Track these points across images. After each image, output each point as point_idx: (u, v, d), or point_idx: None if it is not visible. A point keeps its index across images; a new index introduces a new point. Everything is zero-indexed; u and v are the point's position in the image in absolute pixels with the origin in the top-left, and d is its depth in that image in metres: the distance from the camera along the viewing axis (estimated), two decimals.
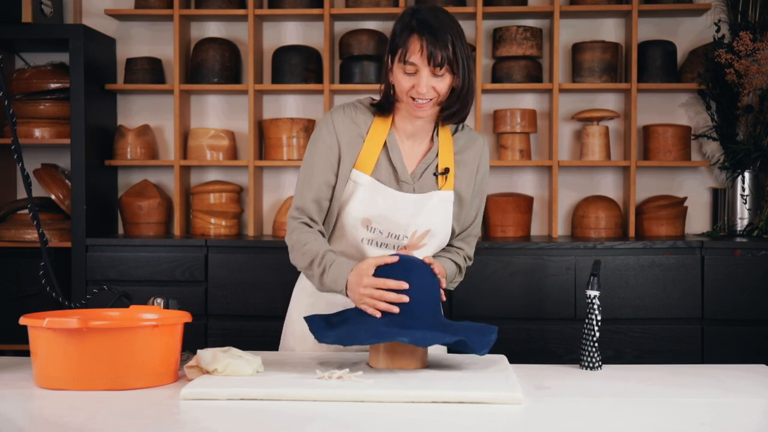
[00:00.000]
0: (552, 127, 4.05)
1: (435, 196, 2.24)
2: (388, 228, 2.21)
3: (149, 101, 4.30)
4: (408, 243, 2.23)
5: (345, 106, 2.27)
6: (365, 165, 2.21)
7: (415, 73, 2.13)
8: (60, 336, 1.88)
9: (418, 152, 2.27)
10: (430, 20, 2.12)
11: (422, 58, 2.11)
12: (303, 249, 2.17)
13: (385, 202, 2.20)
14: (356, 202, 2.20)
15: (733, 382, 2.03)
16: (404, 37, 2.13)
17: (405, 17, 2.16)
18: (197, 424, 1.66)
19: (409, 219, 2.22)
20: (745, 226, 3.97)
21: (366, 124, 2.24)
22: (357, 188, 2.21)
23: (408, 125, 2.25)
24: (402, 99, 2.18)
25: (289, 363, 2.11)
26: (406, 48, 2.12)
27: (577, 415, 1.75)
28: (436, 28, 2.11)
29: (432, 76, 2.12)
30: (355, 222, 2.21)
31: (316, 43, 4.25)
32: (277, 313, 3.49)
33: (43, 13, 4.01)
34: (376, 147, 2.22)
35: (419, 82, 2.12)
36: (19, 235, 3.96)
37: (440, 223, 2.24)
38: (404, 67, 2.13)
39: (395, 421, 1.69)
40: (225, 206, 4.10)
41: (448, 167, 2.25)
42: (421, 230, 2.23)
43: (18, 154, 2.24)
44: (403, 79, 2.14)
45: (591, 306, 2.13)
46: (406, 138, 2.26)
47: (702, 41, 4.14)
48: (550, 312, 3.64)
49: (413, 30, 2.12)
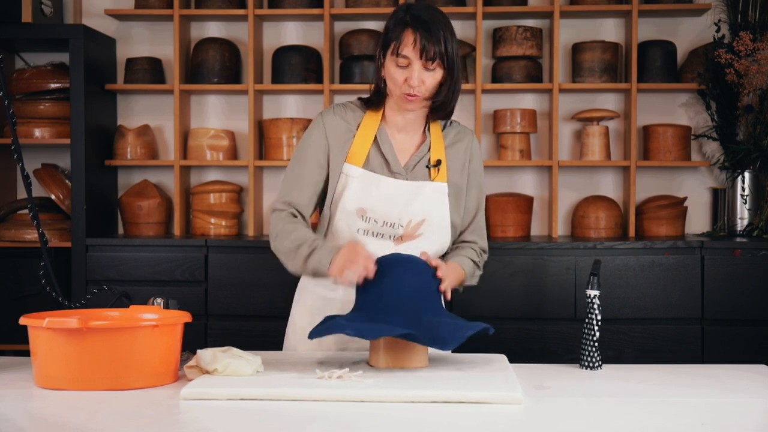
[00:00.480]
0: (552, 127, 4.05)
1: (428, 186, 2.28)
2: (383, 216, 2.24)
3: (149, 101, 4.30)
4: (404, 233, 2.25)
5: (335, 106, 2.34)
6: (356, 158, 2.26)
7: (407, 66, 2.19)
8: (60, 336, 1.88)
9: (411, 145, 2.32)
10: (423, 16, 2.19)
11: (415, 51, 2.16)
12: (291, 236, 2.21)
13: (378, 191, 2.24)
14: (350, 193, 2.24)
15: (733, 382, 2.03)
16: (398, 31, 2.19)
17: (399, 13, 2.22)
18: (197, 424, 1.66)
19: (403, 207, 2.25)
20: (745, 226, 3.97)
21: (356, 120, 2.30)
22: (350, 180, 2.25)
23: (398, 118, 2.30)
24: (393, 92, 2.23)
25: (289, 363, 2.11)
26: (400, 41, 2.17)
27: (577, 415, 1.75)
28: (430, 23, 2.17)
29: (423, 70, 2.18)
30: (351, 212, 2.24)
31: (316, 43, 4.25)
32: (277, 313, 3.50)
33: (43, 13, 4.01)
34: (367, 140, 2.28)
35: (411, 74, 2.18)
36: (19, 235, 3.96)
37: (435, 214, 2.27)
38: (397, 60, 2.19)
39: (395, 421, 1.69)
40: (225, 206, 4.10)
41: (440, 159, 2.30)
42: (416, 220, 2.25)
43: (18, 154, 2.24)
44: (395, 72, 2.20)
45: (591, 306, 2.13)
46: (397, 131, 2.31)
47: (702, 41, 4.14)
48: (550, 312, 3.64)
49: (407, 24, 2.18)
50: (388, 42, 2.21)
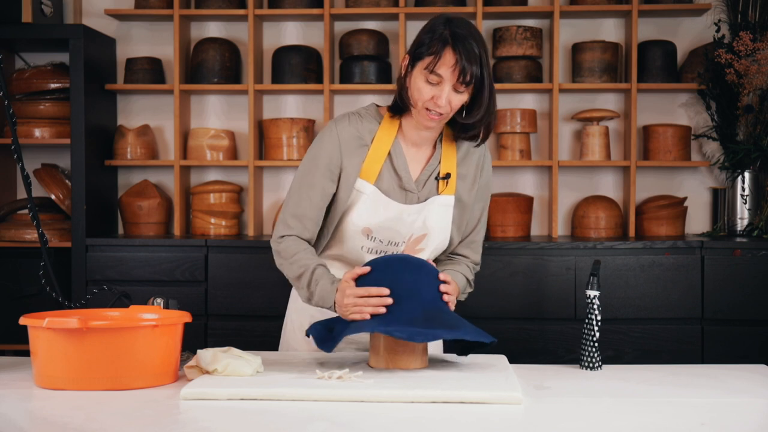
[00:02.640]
0: (552, 127, 4.05)
1: (435, 201, 2.22)
2: (388, 237, 2.21)
3: (149, 101, 4.30)
4: (405, 248, 2.23)
5: (350, 116, 2.23)
6: (369, 174, 2.19)
7: (438, 84, 2.09)
8: (60, 336, 1.88)
9: (422, 158, 2.25)
10: (464, 34, 2.08)
11: (453, 73, 2.07)
12: (291, 259, 2.18)
13: (386, 213, 2.19)
14: (358, 211, 2.19)
15: (733, 382, 2.03)
16: (437, 47, 2.07)
17: (438, 27, 2.10)
18: (197, 424, 1.66)
19: (408, 227, 2.21)
20: (745, 226, 3.97)
21: (371, 133, 2.21)
22: (360, 197, 2.19)
23: (414, 134, 2.22)
24: (416, 106, 2.14)
25: (289, 363, 2.11)
26: (439, 58, 2.07)
27: (577, 415, 1.75)
28: (470, 44, 2.07)
29: (453, 91, 2.10)
30: (356, 230, 2.20)
31: (316, 43, 4.25)
32: (277, 313, 3.49)
33: (43, 13, 4.01)
34: (381, 155, 2.20)
35: (440, 94, 2.09)
36: (19, 235, 3.96)
37: (437, 227, 2.23)
38: (429, 76, 2.09)
39: (395, 421, 1.69)
40: (225, 206, 4.10)
41: (449, 172, 2.23)
42: (417, 233, 2.22)
43: (18, 154, 2.24)
44: (424, 87, 2.11)
45: (591, 306, 2.13)
46: (411, 146, 2.24)
47: (702, 41, 4.14)
48: (550, 312, 3.64)
49: (447, 42, 2.07)
50: (422, 54, 2.09)
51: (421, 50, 2.10)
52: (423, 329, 1.96)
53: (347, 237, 2.22)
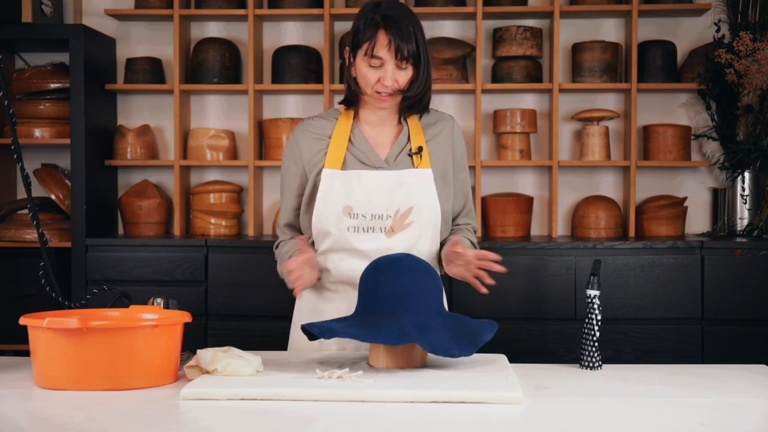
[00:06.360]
0: (552, 127, 4.05)
1: (412, 173, 2.28)
2: (370, 210, 2.25)
3: (149, 101, 4.30)
4: (393, 224, 2.25)
5: (306, 119, 2.39)
6: (334, 162, 2.28)
7: (381, 66, 2.20)
8: (60, 336, 1.88)
9: (389, 138, 2.33)
10: (393, 14, 2.20)
11: (390, 52, 2.19)
12: (280, 254, 2.37)
13: (360, 185, 2.25)
14: (334, 194, 2.25)
15: (733, 382, 2.03)
16: (370, 32, 2.20)
17: (368, 13, 2.23)
18: (197, 424, 1.66)
19: (389, 198, 2.25)
20: (745, 226, 3.97)
21: (329, 127, 2.34)
22: (332, 183, 2.27)
23: (372, 116, 2.32)
24: (366, 92, 2.25)
25: (289, 363, 2.11)
26: (374, 42, 2.19)
27: (577, 415, 1.75)
28: (401, 22, 2.19)
29: (396, 69, 2.20)
30: (337, 212, 2.25)
31: (316, 43, 4.25)
32: (278, 313, 3.50)
33: (43, 13, 4.01)
34: (342, 143, 2.30)
35: (385, 75, 2.20)
36: (19, 235, 3.96)
37: (423, 200, 2.27)
38: (370, 60, 2.20)
39: (395, 421, 1.69)
40: (225, 206, 4.10)
41: (421, 146, 2.31)
42: (403, 208, 2.25)
43: (18, 154, 2.24)
44: (368, 72, 2.22)
45: (591, 306, 2.13)
46: (371, 127, 2.33)
47: (702, 41, 4.14)
48: (550, 312, 3.64)
49: (379, 25, 2.19)
50: (360, 42, 2.21)
51: (358, 38, 2.22)
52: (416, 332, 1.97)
53: (331, 223, 2.25)
